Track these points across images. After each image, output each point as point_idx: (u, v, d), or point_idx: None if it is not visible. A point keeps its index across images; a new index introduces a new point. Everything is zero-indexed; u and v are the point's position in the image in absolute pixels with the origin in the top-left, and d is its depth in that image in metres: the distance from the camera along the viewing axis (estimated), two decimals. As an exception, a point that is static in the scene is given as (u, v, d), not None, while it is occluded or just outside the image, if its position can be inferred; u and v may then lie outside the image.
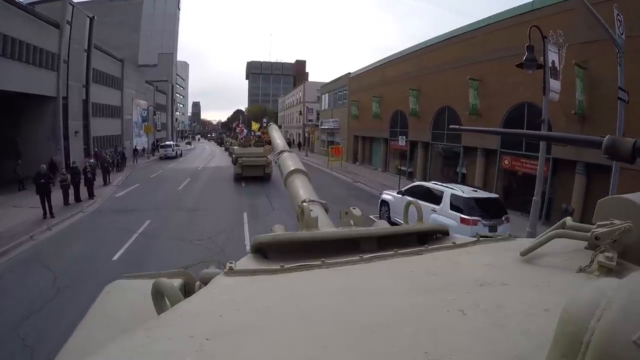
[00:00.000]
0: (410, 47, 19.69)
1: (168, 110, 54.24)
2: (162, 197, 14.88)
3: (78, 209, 12.48)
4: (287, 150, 2.79)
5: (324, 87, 36.26)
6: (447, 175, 18.07)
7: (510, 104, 13.76)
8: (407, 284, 0.92)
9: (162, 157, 32.84)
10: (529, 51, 8.62)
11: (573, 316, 0.41)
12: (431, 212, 8.52)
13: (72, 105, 22.78)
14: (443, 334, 0.65)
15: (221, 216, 11.69)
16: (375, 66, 23.86)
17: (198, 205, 13.42)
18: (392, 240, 1.24)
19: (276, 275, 0.99)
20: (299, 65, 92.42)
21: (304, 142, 45.41)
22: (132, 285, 1.33)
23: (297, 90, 50.01)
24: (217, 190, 16.77)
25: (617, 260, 0.79)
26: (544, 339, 0.50)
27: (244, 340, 0.66)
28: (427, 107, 18.08)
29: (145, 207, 12.93)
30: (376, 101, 22.60)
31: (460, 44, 16.02)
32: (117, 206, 13.25)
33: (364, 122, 25.35)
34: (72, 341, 1.08)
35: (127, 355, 0.62)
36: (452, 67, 16.32)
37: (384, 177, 21.00)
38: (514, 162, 13.85)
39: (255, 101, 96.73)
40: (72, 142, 22.77)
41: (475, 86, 14.87)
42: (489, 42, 14.55)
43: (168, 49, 62.87)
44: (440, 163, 18.55)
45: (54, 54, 20.66)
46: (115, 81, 30.56)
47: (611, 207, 0.92)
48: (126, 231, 9.92)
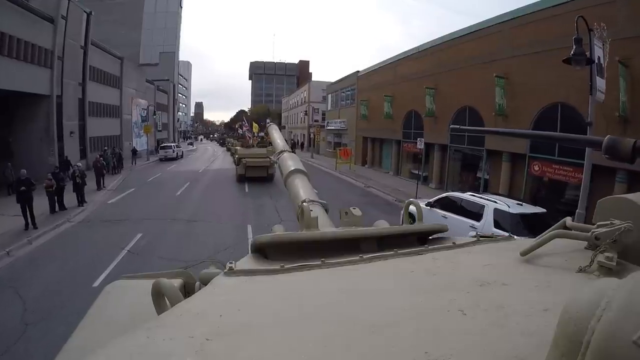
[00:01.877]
0: (426, 43, 18.37)
1: (169, 110, 53.02)
2: (158, 204, 13.57)
3: (64, 218, 11.26)
4: (287, 151, 2.75)
5: (331, 87, 34.92)
6: (467, 181, 16.76)
7: (542, 104, 12.48)
8: (407, 284, 0.91)
9: (162, 158, 31.49)
10: (577, 44, 7.41)
11: (573, 316, 0.41)
12: (469, 229, 7.22)
13: (67, 104, 21.70)
14: (443, 334, 0.65)
15: (222, 229, 10.40)
16: (387, 64, 22.51)
17: (196, 214, 12.12)
18: (392, 240, 1.24)
19: (276, 275, 0.98)
20: (302, 66, 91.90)
21: (309, 143, 44.23)
22: (132, 285, 1.32)
23: (302, 90, 48.78)
24: (218, 197, 15.48)
25: (617, 260, 0.79)
26: (544, 339, 0.50)
27: (244, 340, 0.66)
28: (445, 107, 16.78)
29: (138, 216, 11.68)
30: (388, 101, 21.30)
31: (484, 39, 14.72)
32: (108, 214, 11.99)
33: (374, 123, 24.03)
34: (72, 341, 1.07)
35: (127, 355, 0.61)
36: (474, 64, 15.04)
37: (397, 181, 19.69)
38: (546, 168, 12.55)
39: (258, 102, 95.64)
40: (67, 143, 21.70)
41: (501, 84, 13.57)
42: (518, 36, 13.27)
43: (170, 47, 61.75)
44: (459, 167, 17.24)
45: (47, 50, 19.63)
46: (114, 80, 29.46)
47: (611, 207, 0.91)
48: (113, 247, 8.67)
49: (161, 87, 47.87)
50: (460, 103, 15.95)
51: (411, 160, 20.80)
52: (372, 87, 24.46)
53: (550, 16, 12.00)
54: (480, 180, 15.84)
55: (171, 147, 33.14)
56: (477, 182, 16.05)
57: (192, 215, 12.00)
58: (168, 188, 17.21)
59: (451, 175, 17.29)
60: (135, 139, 33.15)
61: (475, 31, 15.22)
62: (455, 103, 16.24)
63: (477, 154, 15.80)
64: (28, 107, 19.08)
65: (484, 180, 15.37)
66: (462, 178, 17.12)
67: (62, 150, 21.13)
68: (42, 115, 19.86)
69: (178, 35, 65.41)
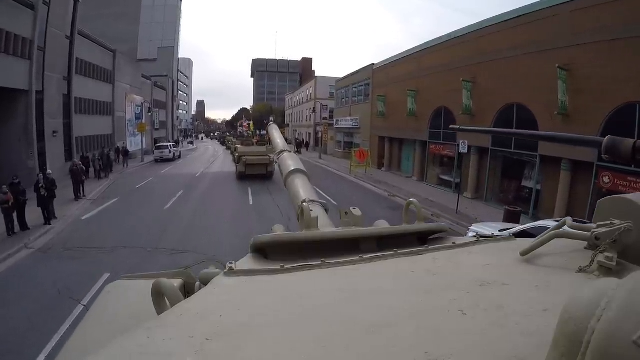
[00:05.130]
0: (462, 29, 15.79)
1: (168, 107, 50.46)
2: (140, 223, 10.98)
3: (22, 244, 8.84)
4: (287, 150, 2.67)
5: (341, 82, 32.30)
6: (509, 190, 14.25)
7: (615, 104, 10.01)
8: (407, 284, 0.90)
9: (158, 159, 28.95)
10: None
11: (573, 316, 0.41)
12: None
13: (49, 101, 19.28)
14: (443, 334, 0.65)
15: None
16: (410, 54, 19.93)
17: (186, 240, 9.39)
18: (392, 240, 1.23)
19: (276, 275, 0.96)
20: (305, 63, 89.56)
21: (315, 142, 41.71)
22: (132, 285, 1.28)
23: (308, 87, 46.21)
24: (216, 211, 12.84)
25: (617, 260, 0.78)
26: (544, 339, 0.50)
27: (244, 340, 0.66)
28: (485, 104, 14.26)
29: (111, 241, 9.12)
30: (411, 96, 18.77)
31: (538, 23, 12.17)
32: (76, 239, 9.45)
33: (393, 121, 21.49)
34: (72, 341, 1.05)
35: (127, 355, 0.61)
36: (526, 53, 12.53)
37: (425, 189, 17.17)
38: (619, 181, 10.04)
39: (260, 99, 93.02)
40: (50, 144, 19.30)
41: (563, 77, 11.06)
42: (582, 20, 10.73)
43: (169, 42, 59.18)
44: (500, 175, 14.71)
45: (25, 40, 17.26)
46: (105, 74, 27.00)
47: (611, 207, 0.90)
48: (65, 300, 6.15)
49: (159, 83, 45.38)
50: (506, 99, 13.42)
51: (439, 163, 18.27)
52: (390, 80, 21.90)
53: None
54: (527, 190, 13.36)
55: (167, 147, 30.48)
56: (523, 193, 13.55)
57: (180, 241, 9.31)
58: (157, 198, 14.64)
59: (491, 183, 14.77)
60: (129, 138, 30.69)
61: (526, 14, 12.66)
62: (499, 99, 13.72)
63: (527, 159, 13.29)
64: (4, 104, 16.74)
65: (535, 191, 12.84)
66: (504, 187, 14.61)
67: (43, 151, 18.80)
68: (20, 112, 17.54)
69: (178, 29, 62.78)
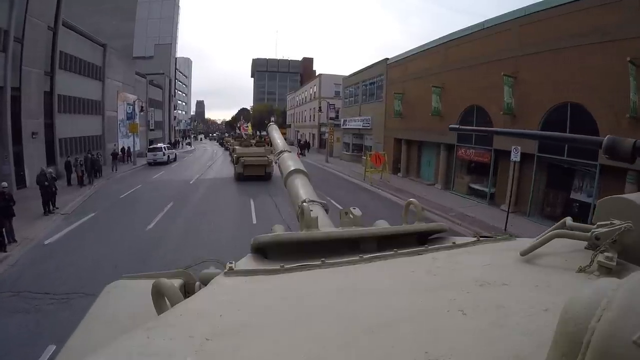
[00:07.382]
0: (499, 16, 13.71)
1: (164, 107, 48.18)
2: (114, 252, 8.58)
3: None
4: (287, 151, 2.70)
5: (349, 79, 30.12)
6: (557, 203, 12.21)
7: None
8: (407, 284, 0.90)
9: (151, 162, 26.50)
10: None
11: (573, 316, 0.41)
12: None
13: (27, 98, 17.21)
14: (443, 333, 0.65)
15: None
16: (433, 46, 17.80)
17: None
18: (392, 240, 1.23)
19: (276, 275, 0.97)
20: (306, 63, 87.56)
21: (319, 144, 39.60)
22: (132, 285, 1.26)
23: (311, 85, 44.10)
24: (210, 234, 10.07)
25: (617, 260, 0.78)
26: (544, 339, 0.50)
27: (244, 340, 0.66)
28: (530, 103, 12.20)
29: (68, 284, 6.75)
30: (437, 93, 16.68)
31: (598, 8, 10.13)
32: (27, 277, 7.18)
33: (412, 121, 19.38)
34: (72, 341, 1.02)
35: (127, 355, 0.61)
36: (583, 44, 10.48)
37: (452, 199, 15.08)
38: None
39: (261, 100, 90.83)
40: (28, 146, 17.20)
41: (634, 73, 9.09)
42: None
43: (166, 39, 56.96)
44: (545, 184, 12.65)
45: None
46: (94, 70, 24.86)
47: (611, 207, 0.90)
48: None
49: (155, 81, 43.18)
50: (557, 97, 11.36)
51: (468, 170, 16.18)
52: (409, 76, 19.78)
53: None
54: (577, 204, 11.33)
55: (161, 149, 27.91)
56: (572, 208, 11.50)
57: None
58: (141, 213, 12.26)
59: (536, 195, 12.70)
60: (121, 139, 28.53)
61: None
62: (547, 98, 11.67)
63: (581, 168, 11.25)
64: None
65: (593, 206, 10.77)
66: (550, 199, 12.55)
67: (20, 155, 16.70)
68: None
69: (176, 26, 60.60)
